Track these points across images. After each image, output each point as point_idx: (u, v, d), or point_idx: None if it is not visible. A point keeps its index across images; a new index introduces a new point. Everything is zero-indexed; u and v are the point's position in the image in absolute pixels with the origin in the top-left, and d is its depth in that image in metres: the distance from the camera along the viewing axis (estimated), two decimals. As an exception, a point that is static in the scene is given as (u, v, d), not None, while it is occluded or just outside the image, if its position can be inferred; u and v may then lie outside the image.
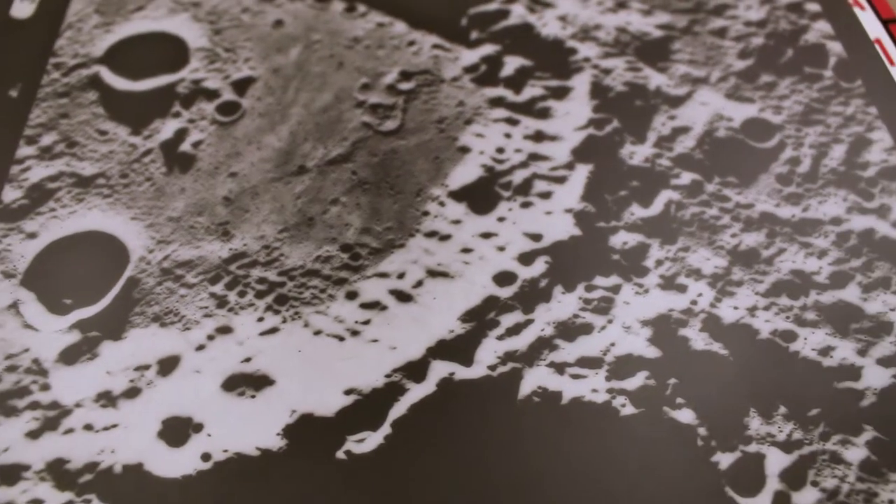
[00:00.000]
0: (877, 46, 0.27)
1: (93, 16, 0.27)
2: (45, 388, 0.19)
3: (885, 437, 0.18)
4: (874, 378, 0.19)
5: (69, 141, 0.24)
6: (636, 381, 0.19)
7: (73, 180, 0.23)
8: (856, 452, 0.18)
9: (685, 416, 0.18)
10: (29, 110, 0.25)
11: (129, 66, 0.26)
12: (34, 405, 0.19)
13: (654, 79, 0.25)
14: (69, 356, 0.20)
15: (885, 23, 0.27)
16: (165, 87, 0.25)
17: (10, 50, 0.26)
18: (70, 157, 0.24)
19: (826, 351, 0.20)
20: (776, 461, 0.18)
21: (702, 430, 0.18)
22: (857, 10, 0.28)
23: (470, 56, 0.26)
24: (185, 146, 0.24)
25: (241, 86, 0.25)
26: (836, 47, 0.26)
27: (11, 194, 0.23)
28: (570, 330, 0.20)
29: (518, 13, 0.27)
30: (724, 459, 0.18)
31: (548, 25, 0.27)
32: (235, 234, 0.22)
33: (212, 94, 0.25)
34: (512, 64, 0.26)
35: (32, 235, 0.22)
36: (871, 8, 0.28)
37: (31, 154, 0.24)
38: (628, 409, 0.19)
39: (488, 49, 0.27)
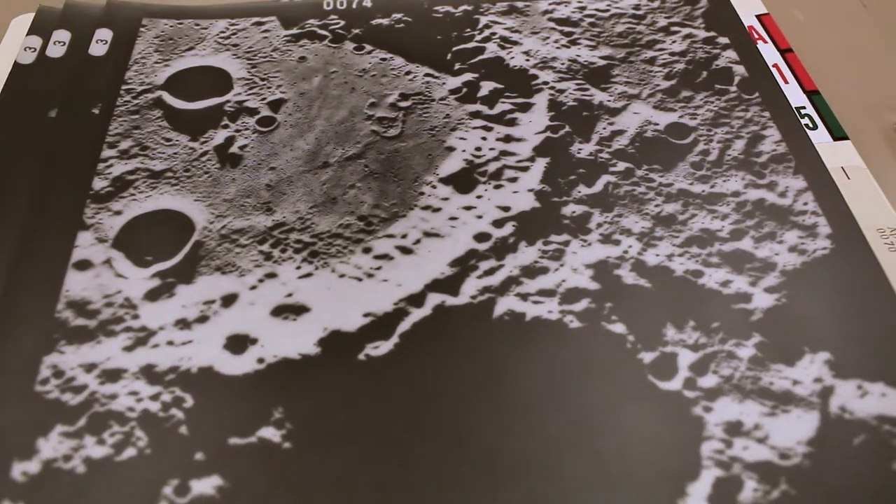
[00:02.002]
0: (774, 70, 0.36)
1: (153, 54, 0.36)
2: (136, 317, 0.27)
3: (767, 341, 0.26)
4: (761, 301, 0.28)
5: (142, 146, 0.32)
6: (581, 305, 0.27)
7: (146, 174, 0.32)
8: (746, 351, 0.26)
9: (618, 328, 0.27)
10: (108, 124, 0.33)
11: (185, 91, 0.35)
12: (127, 329, 0.27)
13: (598, 96, 0.34)
14: (152, 295, 0.28)
15: (782, 52, 0.37)
16: (215, 107, 0.34)
17: (90, 79, 0.35)
18: (143, 158, 0.32)
19: (726, 284, 0.28)
20: (686, 358, 0.26)
21: (630, 338, 0.26)
22: (759, 43, 0.37)
23: (454, 81, 0.35)
24: (234, 149, 0.32)
25: (275, 105, 0.34)
26: (740, 69, 0.35)
27: (99, 184, 0.31)
28: (531, 271, 0.28)
29: (491, 49, 0.36)
30: (647, 357, 0.26)
31: (515, 58, 0.36)
32: (276, 210, 0.30)
33: (252, 111, 0.34)
34: (487, 87, 0.35)
35: (118, 213, 0.30)
36: (771, 40, 0.37)
37: (112, 155, 0.32)
38: (575, 324, 0.27)
39: (468, 76, 0.35)
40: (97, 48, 0.35)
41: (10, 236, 0.29)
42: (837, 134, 0.34)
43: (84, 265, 0.28)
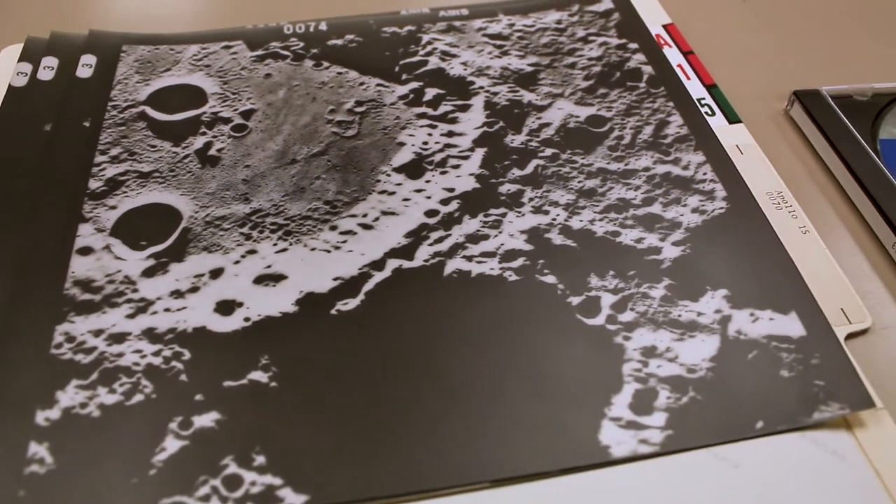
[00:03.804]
0: (678, 69, 0.42)
1: (134, 75, 0.42)
2: (135, 290, 0.32)
3: (675, 283, 0.32)
4: (669, 253, 0.34)
5: (130, 151, 0.38)
6: (517, 262, 0.33)
7: (136, 174, 0.37)
8: (657, 292, 0.32)
9: (549, 279, 0.33)
10: (99, 134, 0.39)
11: (166, 105, 0.40)
12: (129, 300, 0.32)
13: (527, 96, 0.41)
14: (149, 272, 0.33)
15: (685, 54, 0.43)
16: (193, 117, 0.40)
17: (79, 97, 0.40)
18: (132, 161, 0.38)
19: (639, 240, 0.34)
20: (607, 299, 0.32)
21: (560, 286, 0.32)
22: (665, 48, 0.44)
23: (402, 89, 0.41)
24: (212, 151, 0.38)
25: (247, 114, 0.40)
26: (648, 69, 0.42)
27: (95, 184, 0.36)
28: (475, 238, 0.34)
29: (434, 62, 0.43)
30: (575, 300, 0.32)
31: (454, 68, 0.42)
32: (253, 200, 0.36)
33: (227, 120, 0.39)
34: (431, 93, 0.41)
35: (113, 207, 0.35)
36: (675, 45, 0.44)
37: (104, 160, 0.38)
38: (513, 278, 0.33)
39: (414, 84, 0.42)
40: (83, 71, 0.41)
41: (15, 231, 0.34)
42: (732, 118, 0.40)
43: (86, 251, 0.34)
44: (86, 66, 0.41)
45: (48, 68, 0.41)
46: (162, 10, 0.46)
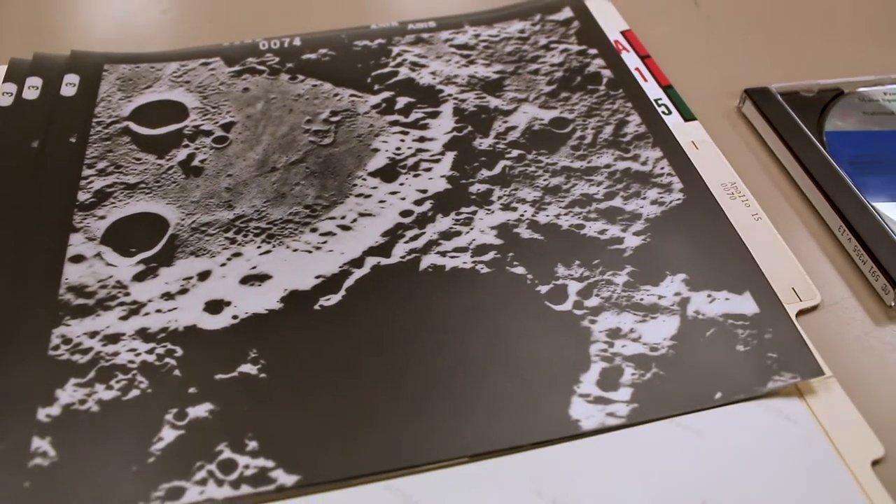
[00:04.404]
0: (636, 72, 0.45)
1: (117, 92, 0.44)
2: (127, 294, 0.35)
3: (637, 269, 0.35)
4: (631, 242, 0.36)
5: (116, 164, 0.40)
6: (489, 256, 0.36)
7: (123, 186, 0.39)
8: (621, 278, 0.35)
9: (519, 270, 0.35)
10: (85, 149, 0.41)
11: (148, 120, 0.42)
12: (121, 303, 0.34)
13: (493, 102, 0.43)
14: (139, 276, 0.35)
15: (642, 58, 0.46)
16: (175, 131, 0.42)
17: (64, 115, 0.42)
18: (119, 174, 0.40)
19: (602, 232, 0.37)
20: (574, 287, 0.35)
21: (529, 277, 0.35)
22: (623, 53, 0.47)
23: (374, 99, 0.44)
24: (195, 162, 0.40)
25: (227, 127, 0.42)
26: (607, 73, 0.45)
27: (83, 196, 0.38)
28: (448, 235, 0.37)
29: (404, 72, 0.45)
30: (543, 289, 0.34)
31: (424, 78, 0.45)
32: (236, 206, 0.38)
33: (208, 133, 0.42)
34: (402, 101, 0.44)
35: (102, 217, 0.38)
36: (633, 50, 0.47)
37: (92, 174, 0.40)
38: (485, 270, 0.35)
39: (386, 94, 0.44)
40: (67, 90, 0.43)
41: (9, 242, 0.36)
42: (688, 117, 0.43)
43: (78, 259, 0.36)
44: (69, 85, 0.43)
45: (33, 88, 0.43)
46: (141, 30, 0.49)
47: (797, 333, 0.33)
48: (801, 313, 0.34)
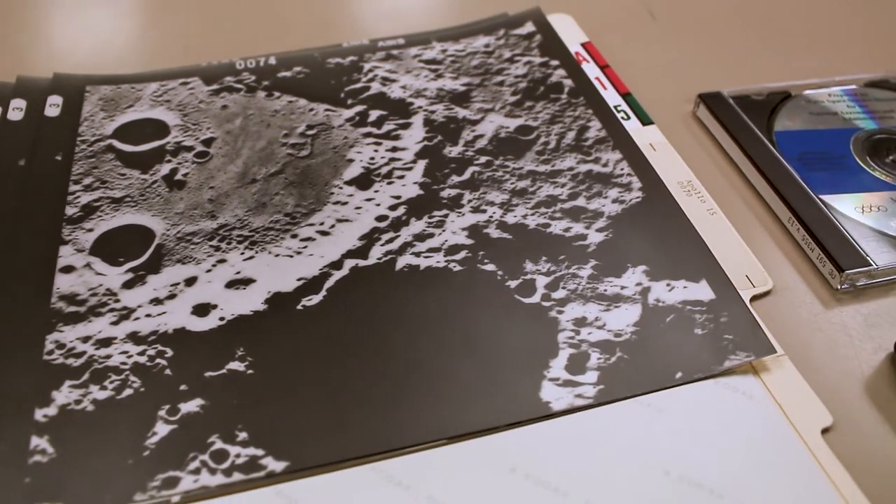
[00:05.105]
0: (595, 81, 0.48)
1: (100, 112, 0.46)
2: (117, 301, 0.37)
3: (600, 263, 0.37)
4: (594, 238, 0.39)
5: (102, 180, 0.42)
6: (461, 255, 0.38)
7: (109, 200, 0.41)
8: (585, 272, 0.37)
9: (489, 267, 0.37)
10: (71, 166, 0.43)
11: (131, 137, 0.45)
12: (112, 310, 0.36)
13: (461, 112, 0.46)
14: (128, 284, 0.37)
15: (602, 68, 0.49)
16: (158, 147, 0.44)
17: (49, 134, 0.44)
18: (105, 189, 0.42)
19: (567, 230, 0.39)
20: (542, 281, 0.37)
21: (499, 273, 0.37)
22: (584, 63, 0.49)
23: (348, 113, 0.46)
24: (178, 176, 0.43)
25: (207, 142, 0.44)
26: (568, 82, 0.48)
27: (71, 210, 0.41)
28: (421, 236, 0.39)
29: (375, 87, 0.48)
30: (513, 284, 0.37)
31: (394, 91, 0.48)
32: (219, 216, 0.40)
33: (190, 148, 0.44)
34: (374, 114, 0.46)
35: (90, 230, 0.40)
36: (593, 60, 0.50)
37: (78, 189, 0.42)
38: (457, 269, 0.38)
39: (359, 108, 0.47)
40: (51, 111, 0.45)
41: (0, 256, 0.38)
42: (646, 121, 0.46)
43: (68, 269, 0.38)
44: (53, 106, 0.45)
45: (17, 109, 0.45)
46: (121, 52, 0.51)
47: (751, 316, 0.35)
48: (754, 298, 0.37)
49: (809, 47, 0.54)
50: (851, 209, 0.40)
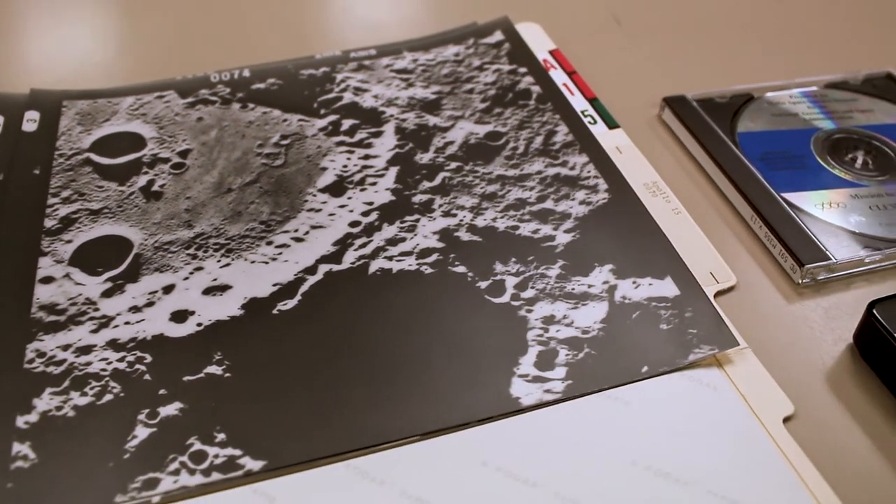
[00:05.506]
0: (563, 87, 0.50)
1: (77, 126, 0.47)
2: (97, 309, 0.37)
3: (568, 263, 0.39)
4: (562, 239, 0.40)
5: (80, 192, 0.43)
6: (432, 258, 0.39)
7: (87, 212, 0.42)
8: (553, 271, 0.39)
9: (460, 269, 0.39)
10: (49, 179, 0.44)
11: (108, 150, 0.46)
12: (91, 318, 0.37)
13: (432, 120, 0.47)
14: (107, 293, 0.38)
15: (569, 74, 0.51)
16: (135, 160, 0.45)
17: (27, 149, 0.45)
18: (83, 201, 0.43)
19: (536, 231, 0.40)
20: (511, 281, 0.38)
21: (470, 274, 0.38)
22: (551, 70, 0.51)
23: (321, 122, 0.48)
24: (155, 187, 0.44)
25: (184, 154, 0.45)
26: (536, 88, 0.49)
27: (50, 223, 0.41)
28: (394, 241, 0.40)
29: (348, 97, 0.49)
30: (483, 284, 0.38)
31: (367, 101, 0.49)
32: (196, 225, 0.41)
33: (166, 160, 0.45)
34: (347, 123, 0.47)
35: (69, 241, 0.41)
36: (560, 67, 0.51)
37: (57, 202, 0.43)
38: (429, 271, 0.39)
39: (332, 117, 0.48)
40: (28, 125, 0.46)
41: None
42: (612, 125, 0.47)
43: (48, 280, 0.39)
44: (30, 122, 0.46)
45: (-4, 126, 0.46)
46: (97, 67, 0.52)
47: (714, 311, 0.37)
48: (719, 294, 0.38)
49: (771, 51, 0.55)
50: (812, 206, 0.41)
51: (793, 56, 0.54)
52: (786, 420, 0.33)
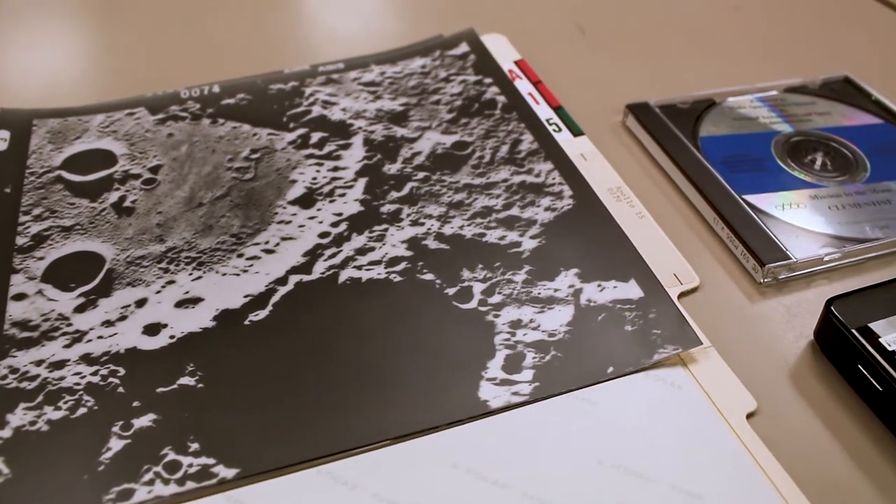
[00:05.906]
0: (528, 97, 0.51)
1: (48, 145, 0.47)
2: (70, 325, 0.38)
3: (534, 268, 0.40)
4: (528, 245, 0.41)
5: (51, 210, 0.44)
6: (400, 266, 0.40)
7: (59, 229, 0.43)
8: (520, 277, 0.39)
9: (428, 276, 0.39)
10: (20, 198, 0.44)
11: (80, 168, 0.46)
12: (64, 333, 0.38)
13: (399, 131, 0.48)
14: (80, 308, 0.39)
15: (534, 83, 0.52)
16: (106, 176, 0.46)
17: None
18: (55, 218, 0.43)
19: (502, 238, 0.41)
20: (478, 287, 0.39)
21: (438, 281, 0.39)
22: (517, 80, 0.52)
23: (290, 136, 0.48)
24: (127, 203, 0.44)
25: (154, 170, 0.46)
26: (501, 98, 0.50)
27: (21, 240, 0.42)
28: (363, 250, 0.41)
29: (317, 110, 0.50)
30: (451, 291, 0.39)
31: (335, 114, 0.50)
32: (167, 239, 0.42)
33: (137, 176, 0.46)
34: (316, 136, 0.48)
35: (41, 258, 0.41)
36: (525, 77, 0.52)
37: (28, 220, 0.43)
38: (398, 279, 0.39)
39: (301, 131, 0.49)
40: None
41: None
42: (576, 132, 0.49)
43: (20, 297, 0.39)
44: (1, 141, 0.46)
45: (-34, 146, 0.46)
46: (66, 86, 0.52)
47: (678, 311, 0.38)
48: (682, 295, 0.39)
49: (732, 57, 0.57)
50: (773, 207, 0.43)
51: (753, 62, 0.56)
52: (749, 416, 0.34)
